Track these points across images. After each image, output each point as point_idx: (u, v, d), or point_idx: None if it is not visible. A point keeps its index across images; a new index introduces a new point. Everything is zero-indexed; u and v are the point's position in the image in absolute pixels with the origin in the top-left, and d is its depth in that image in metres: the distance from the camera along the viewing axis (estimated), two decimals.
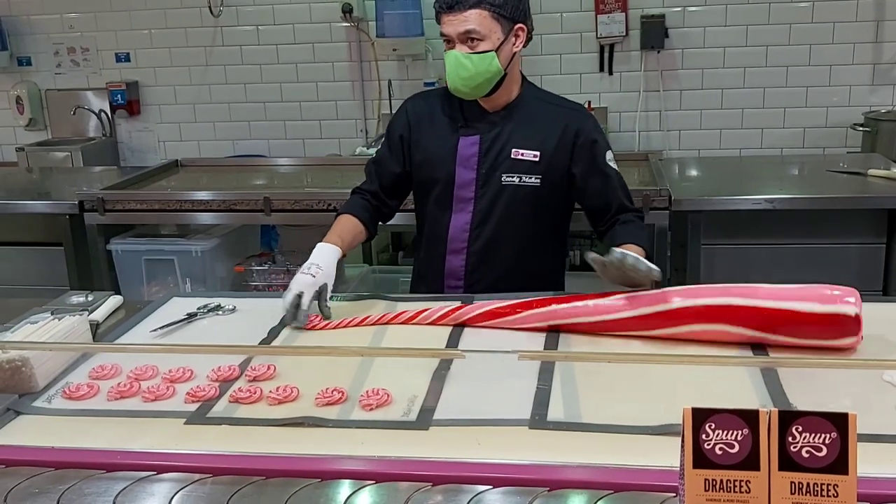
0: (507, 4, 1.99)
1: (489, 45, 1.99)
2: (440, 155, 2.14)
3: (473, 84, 2.02)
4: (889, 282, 2.96)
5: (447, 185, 2.14)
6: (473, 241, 2.15)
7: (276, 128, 4.98)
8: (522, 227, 2.14)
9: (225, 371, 1.63)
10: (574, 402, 1.48)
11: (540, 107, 2.13)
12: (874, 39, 4.37)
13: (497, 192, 2.11)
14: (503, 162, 2.09)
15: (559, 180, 2.12)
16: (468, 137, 2.11)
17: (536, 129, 2.10)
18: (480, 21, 1.96)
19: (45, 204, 3.43)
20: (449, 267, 2.19)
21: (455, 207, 2.15)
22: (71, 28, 5.04)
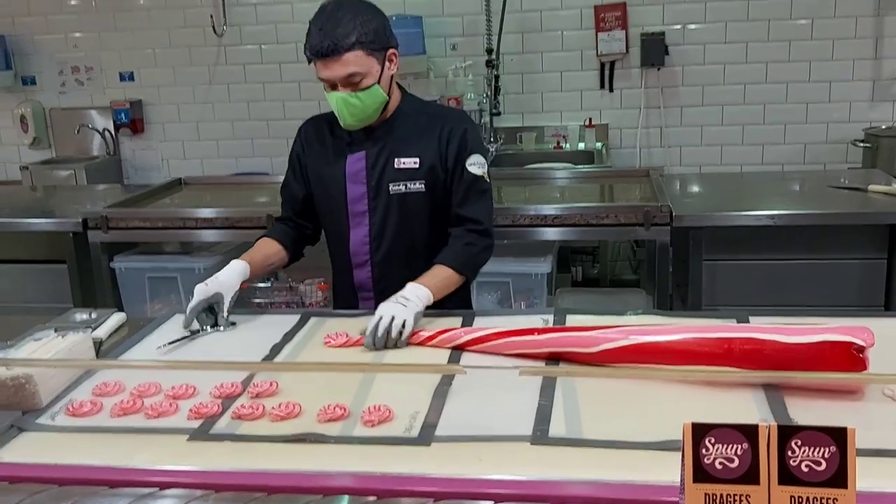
0: (377, 36, 2.02)
1: (372, 80, 2.03)
2: (330, 174, 2.21)
3: (364, 116, 2.09)
4: (890, 297, 2.95)
5: (340, 201, 2.21)
6: (375, 252, 2.21)
7: (278, 145, 5.00)
8: (419, 233, 2.20)
9: (227, 388, 1.64)
10: (575, 418, 1.49)
11: (419, 117, 2.19)
12: (873, 56, 4.40)
13: (388, 203, 2.17)
14: (388, 172, 2.16)
15: (442, 184, 2.17)
16: (354, 154, 2.18)
17: (416, 137, 2.16)
18: (358, 61, 2.00)
19: (48, 222, 3.44)
20: (357, 281, 2.26)
21: (352, 223, 2.22)
22: (75, 48, 5.09)
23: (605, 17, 4.54)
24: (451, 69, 4.64)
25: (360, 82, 2.02)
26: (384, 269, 2.21)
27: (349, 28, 1.97)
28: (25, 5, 5.08)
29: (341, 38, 1.96)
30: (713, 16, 4.48)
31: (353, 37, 1.97)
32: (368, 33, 1.99)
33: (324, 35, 1.97)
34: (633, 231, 3.03)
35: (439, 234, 2.21)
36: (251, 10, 4.87)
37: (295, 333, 1.97)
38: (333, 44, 1.96)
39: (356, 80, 2.01)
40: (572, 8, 4.58)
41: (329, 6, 2.03)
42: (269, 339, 1.93)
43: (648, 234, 2.99)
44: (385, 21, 2.08)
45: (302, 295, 3.25)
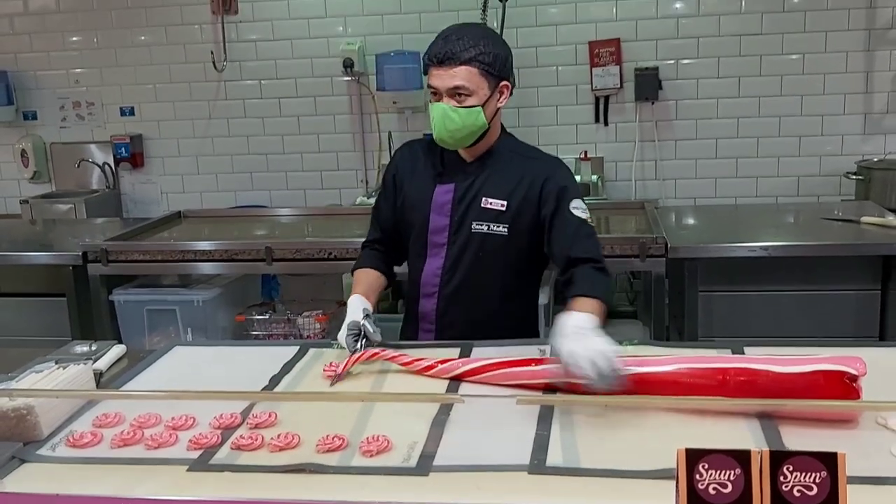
0: (496, 62, 2.03)
1: (476, 101, 2.03)
2: (418, 201, 2.21)
3: (459, 136, 2.07)
4: (885, 328, 2.98)
5: (422, 230, 2.20)
6: (445, 286, 2.20)
7: (277, 179, 5.05)
8: (492, 274, 2.18)
9: (227, 418, 1.65)
10: (573, 448, 1.50)
11: (514, 159, 2.17)
12: (864, 90, 4.46)
13: (467, 239, 2.16)
14: (474, 210, 2.15)
15: (527, 230, 2.13)
16: (444, 185, 2.17)
17: (507, 179, 2.14)
18: (469, 77, 2.01)
19: (48, 255, 3.46)
20: (422, 310, 2.25)
21: (429, 252, 2.21)
22: (77, 83, 5.15)
23: (600, 52, 4.61)
24: None
25: (465, 98, 2.02)
26: (449, 304, 2.20)
27: (472, 43, 2.00)
28: (28, 42, 5.14)
29: (460, 50, 1.99)
30: (706, 51, 4.55)
31: (473, 52, 2.00)
32: (488, 55, 2.01)
33: (445, 42, 2.01)
34: (629, 263, 3.05)
35: (512, 279, 2.20)
36: (251, 47, 4.94)
37: (293, 365, 1.99)
38: (451, 52, 1.99)
39: (461, 94, 2.02)
40: (567, 44, 4.65)
41: (459, 25, 2.08)
42: (267, 370, 1.94)
43: (644, 266, 3.02)
44: (509, 56, 2.10)
45: (300, 327, 3.26)
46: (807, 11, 4.42)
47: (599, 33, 4.61)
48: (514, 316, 2.24)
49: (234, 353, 2.08)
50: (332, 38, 4.82)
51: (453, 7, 4.67)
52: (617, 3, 4.58)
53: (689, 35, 4.55)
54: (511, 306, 2.23)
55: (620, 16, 4.59)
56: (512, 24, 4.46)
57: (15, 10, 5.11)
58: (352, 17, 4.80)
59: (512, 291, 2.22)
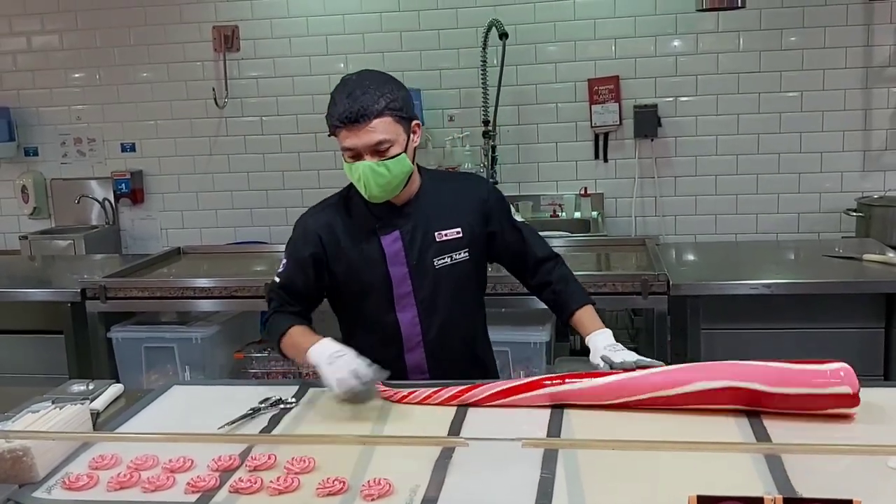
0: (405, 105, 2.02)
1: (399, 149, 2.01)
2: (366, 260, 2.13)
3: (391, 188, 2.05)
4: (890, 366, 2.95)
5: (384, 287, 2.13)
6: (427, 332, 2.17)
7: (277, 215, 5.05)
8: (465, 302, 2.21)
9: (225, 460, 1.62)
10: (578, 491, 1.47)
11: (443, 187, 2.20)
12: (863, 127, 4.49)
13: (433, 279, 2.14)
14: (430, 247, 2.13)
15: (480, 247, 2.21)
16: (388, 235, 2.12)
17: (450, 207, 2.16)
18: (387, 128, 1.97)
19: (46, 292, 3.44)
20: (410, 364, 2.19)
21: (398, 306, 2.15)
22: (78, 119, 5.17)
23: (599, 90, 4.64)
24: (449, 140, 4.72)
25: (387, 150, 1.98)
26: (436, 346, 2.18)
27: (377, 95, 1.96)
28: (31, 79, 5.18)
29: (370, 104, 1.95)
30: (704, 89, 4.59)
31: (383, 102, 1.96)
32: (397, 100, 1.99)
33: (352, 101, 1.95)
34: (630, 300, 3.03)
35: (476, 297, 2.26)
36: (253, 83, 4.97)
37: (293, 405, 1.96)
38: (363, 108, 1.94)
39: (384, 147, 1.98)
40: (566, 81, 4.69)
41: (353, 77, 2.02)
42: (267, 410, 1.91)
43: (646, 303, 3.00)
44: (409, 94, 2.08)
45: (299, 365, 3.22)
46: (804, 49, 4.47)
47: (598, 71, 4.64)
48: (482, 331, 2.34)
49: (232, 393, 2.05)
50: (333, 75, 4.82)
51: (453, 45, 4.72)
52: (616, 41, 4.62)
53: (687, 73, 4.59)
54: (481, 324, 2.32)
55: (619, 54, 4.63)
56: (512, 62, 4.49)
57: (18, 47, 5.15)
58: (353, 55, 4.84)
59: (478, 310, 2.29)
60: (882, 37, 4.41)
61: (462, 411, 1.86)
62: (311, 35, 4.87)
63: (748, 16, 4.42)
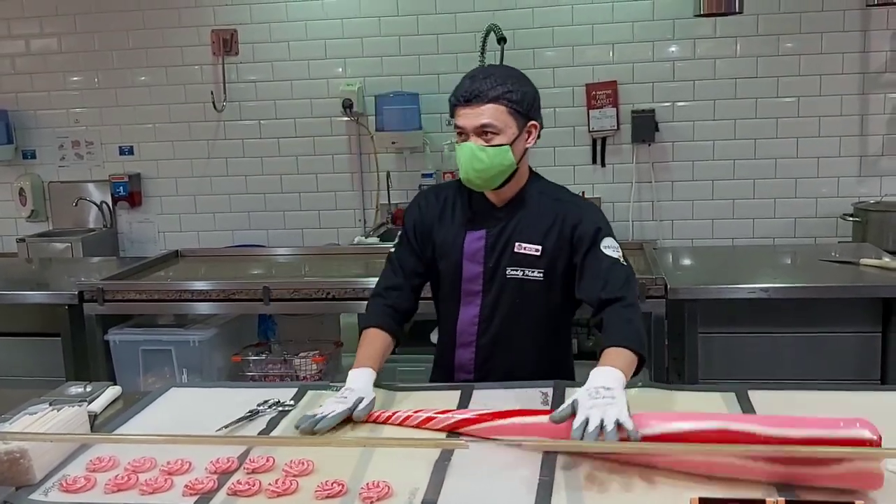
0: (524, 101, 2.01)
1: (504, 139, 1.99)
2: (448, 249, 2.15)
3: (487, 176, 2.03)
4: (887, 370, 2.95)
5: (455, 278, 2.15)
6: (482, 335, 2.15)
7: (275, 218, 5.05)
8: (529, 320, 2.13)
9: (223, 463, 1.62)
10: (578, 494, 1.47)
11: (544, 201, 2.13)
12: (859, 132, 4.50)
13: (502, 286, 2.12)
14: (507, 256, 2.11)
15: (562, 273, 2.11)
16: (475, 232, 2.12)
17: (539, 223, 2.10)
18: (497, 115, 1.98)
19: (43, 294, 3.43)
20: (459, 360, 2.19)
21: (463, 301, 2.16)
22: (76, 122, 5.17)
23: (597, 95, 4.65)
24: (447, 144, 4.73)
25: (492, 137, 1.99)
26: (488, 352, 2.16)
27: (499, 81, 1.99)
28: (29, 82, 5.17)
29: (489, 87, 1.98)
30: (701, 94, 4.60)
31: (500, 90, 1.98)
32: (516, 93, 1.99)
33: (472, 81, 2.00)
34: None
35: (548, 324, 2.17)
36: (251, 87, 4.97)
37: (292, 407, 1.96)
38: (479, 90, 1.97)
39: (489, 133, 1.99)
40: (564, 86, 4.70)
41: (489, 65, 2.05)
42: (265, 412, 1.91)
43: (644, 307, 2.97)
44: (537, 96, 2.07)
45: (296, 368, 3.22)
46: (801, 55, 4.48)
47: (596, 76, 4.66)
48: (552, 359, 2.21)
49: (231, 396, 2.05)
50: (331, 79, 4.86)
51: (452, 49, 4.73)
52: (614, 46, 4.63)
53: (685, 78, 4.60)
54: (548, 350, 2.20)
55: (617, 59, 4.64)
56: None
57: (17, 50, 5.15)
58: (351, 59, 4.85)
59: (549, 335, 2.19)
60: (878, 43, 4.42)
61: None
62: (309, 39, 4.87)
63: (745, 21, 4.43)
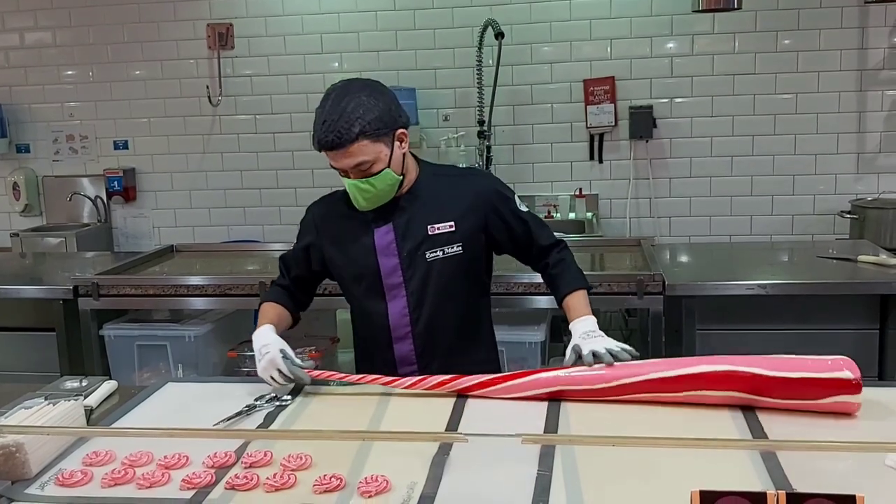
0: (382, 122, 2.01)
1: (382, 165, 2.03)
2: (359, 250, 2.19)
3: (379, 200, 2.10)
4: (884, 367, 2.95)
5: (374, 276, 2.18)
6: (416, 324, 2.19)
7: (271, 213, 5.03)
8: (457, 296, 2.20)
9: (221, 457, 1.61)
10: (576, 488, 1.46)
11: (440, 180, 2.21)
12: (857, 130, 4.50)
13: (425, 271, 2.16)
14: (422, 241, 2.16)
15: (477, 242, 2.20)
16: (381, 228, 2.17)
17: (444, 201, 2.17)
18: (364, 150, 1.99)
19: (38, 289, 3.41)
20: (399, 354, 2.21)
21: (388, 296, 2.19)
22: (71, 116, 5.14)
23: (594, 90, 4.64)
24: (444, 140, 4.72)
25: (369, 169, 2.02)
26: (425, 339, 2.19)
27: (352, 118, 1.97)
28: (23, 75, 5.14)
29: (344, 131, 1.96)
30: (699, 90, 4.59)
31: (357, 128, 1.97)
32: (372, 122, 1.98)
33: (327, 128, 1.98)
34: (625, 300, 3.03)
35: (472, 291, 2.25)
36: (247, 81, 4.95)
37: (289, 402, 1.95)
38: (337, 137, 1.97)
39: (365, 167, 2.01)
40: (562, 82, 4.69)
41: (332, 94, 2.04)
42: (263, 407, 1.90)
43: (641, 303, 2.99)
44: (391, 102, 2.06)
45: None
46: (799, 52, 4.47)
47: (594, 72, 4.64)
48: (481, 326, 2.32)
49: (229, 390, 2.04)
50: (327, 73, 4.83)
51: (449, 45, 4.71)
52: (611, 41, 4.62)
53: (682, 74, 4.59)
54: (477, 319, 2.30)
55: (615, 54, 4.63)
56: (507, 62, 4.48)
57: (11, 43, 5.12)
58: (347, 54, 4.83)
59: (475, 305, 2.28)
60: (876, 39, 4.42)
61: (460, 406, 1.86)
62: (305, 33, 4.85)
63: (744, 18, 4.43)
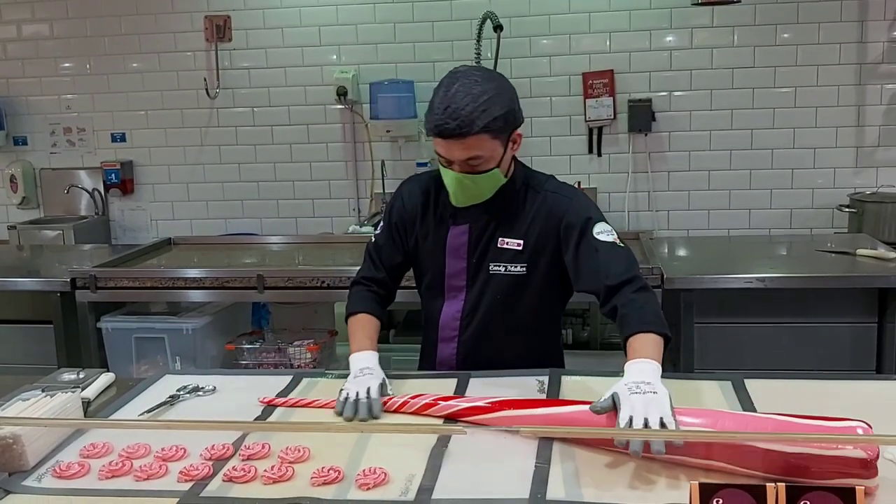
0: (505, 120, 1.89)
1: (493, 163, 1.92)
2: (431, 243, 2.10)
3: (477, 198, 2.00)
4: (882, 360, 2.96)
5: (438, 273, 2.11)
6: (464, 331, 2.12)
7: (268, 206, 5.02)
8: (512, 315, 2.08)
9: (219, 449, 1.61)
10: (574, 480, 1.46)
11: (527, 193, 2.06)
12: (856, 123, 4.49)
13: (485, 281, 2.07)
14: (490, 251, 2.05)
15: (546, 267, 2.05)
16: (458, 227, 2.07)
17: (522, 216, 2.04)
18: (482, 145, 1.87)
19: (35, 281, 3.41)
20: (440, 356, 2.16)
21: (447, 295, 2.12)
22: (68, 109, 5.12)
23: (593, 84, 4.63)
24: None
25: (480, 165, 1.90)
26: (469, 348, 2.12)
27: (480, 110, 1.83)
28: (20, 68, 5.12)
29: (467, 123, 1.82)
30: (698, 83, 4.58)
31: (482, 121, 1.83)
32: (498, 119, 1.86)
33: (449, 115, 1.83)
34: None
35: (532, 319, 2.11)
36: (244, 74, 4.93)
37: (287, 394, 1.94)
38: (459, 126, 1.83)
39: (476, 162, 1.90)
40: (561, 75, 4.67)
41: (456, 81, 1.87)
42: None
43: None
44: (515, 100, 1.94)
45: (291, 356, 3.21)
46: (798, 45, 4.46)
47: (593, 65, 4.63)
48: (536, 356, 2.13)
49: (226, 382, 2.03)
50: (325, 66, 4.82)
51: (448, 37, 4.70)
52: (610, 35, 4.61)
53: (682, 67, 4.58)
54: (532, 347, 2.14)
55: (614, 48, 4.61)
56: (506, 55, 4.47)
57: (8, 35, 5.10)
58: (346, 46, 4.81)
59: (533, 330, 2.13)
60: (876, 33, 4.41)
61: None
62: (303, 26, 4.83)
63: (743, 11, 4.42)
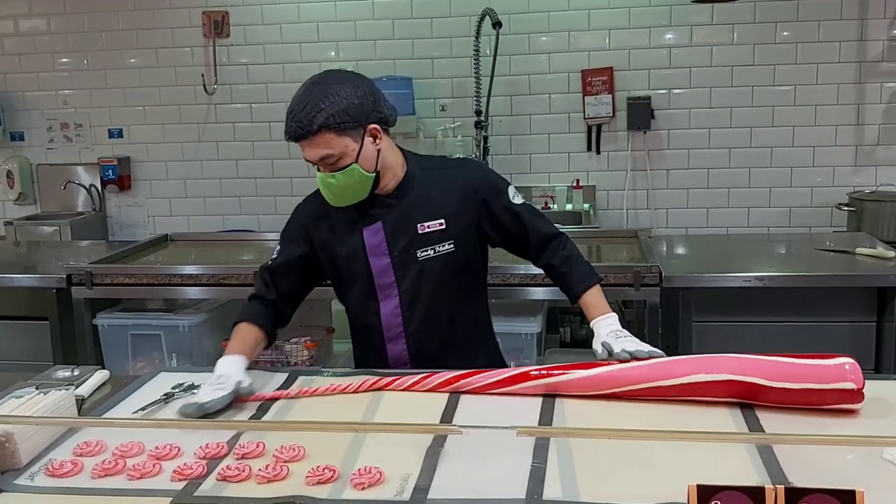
0: (348, 116, 1.94)
1: (348, 160, 1.97)
2: (349, 251, 2.13)
3: (348, 197, 2.04)
4: (881, 359, 2.95)
5: (366, 277, 2.14)
6: (408, 323, 2.14)
7: (266, 203, 5.01)
8: (449, 294, 2.15)
9: (213, 448, 1.59)
10: (571, 479, 1.45)
11: (430, 175, 2.15)
12: (856, 122, 4.48)
13: (418, 271, 2.11)
14: (414, 241, 2.10)
15: (470, 237, 2.15)
16: (370, 227, 2.11)
17: (434, 197, 2.11)
18: (328, 143, 1.94)
19: (31, 278, 3.39)
20: (392, 355, 2.18)
21: (380, 296, 2.15)
22: (65, 104, 5.11)
23: (592, 81, 4.62)
24: (441, 130, 4.69)
25: (336, 163, 1.97)
26: (418, 339, 2.15)
27: (316, 110, 1.92)
28: (17, 63, 5.11)
29: (306, 123, 1.92)
30: (698, 81, 4.57)
31: (320, 119, 1.92)
32: (337, 114, 1.92)
33: (292, 118, 1.95)
34: (622, 291, 3.01)
35: (465, 287, 2.19)
36: (242, 70, 4.92)
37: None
38: (300, 127, 1.93)
39: (331, 160, 1.97)
40: (560, 72, 4.66)
41: (305, 85, 1.99)
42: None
43: (638, 295, 2.98)
44: (365, 95, 1.99)
45: (287, 354, 3.20)
46: (798, 44, 4.46)
47: (592, 62, 4.62)
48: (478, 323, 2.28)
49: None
50: (324, 62, 4.80)
51: (446, 34, 4.68)
52: (610, 32, 4.60)
53: (681, 65, 4.57)
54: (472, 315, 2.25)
55: (613, 45, 4.60)
56: (505, 52, 4.46)
57: (5, 30, 5.09)
58: (344, 42, 4.80)
59: (469, 301, 2.22)
60: (875, 31, 4.40)
61: (454, 399, 1.85)
62: (301, 21, 4.82)
63: (742, 9, 4.41)
